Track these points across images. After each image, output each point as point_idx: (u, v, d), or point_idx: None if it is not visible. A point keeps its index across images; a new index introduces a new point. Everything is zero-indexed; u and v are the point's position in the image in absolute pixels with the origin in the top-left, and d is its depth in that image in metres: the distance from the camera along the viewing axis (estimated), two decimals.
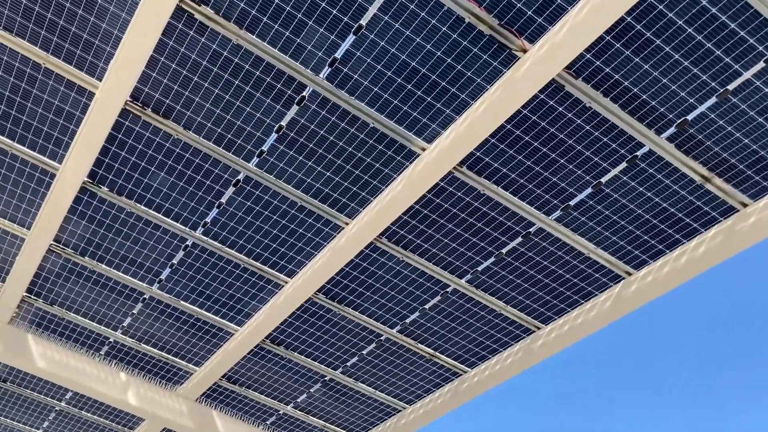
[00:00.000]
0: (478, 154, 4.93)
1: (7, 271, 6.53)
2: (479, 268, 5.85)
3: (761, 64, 4.12)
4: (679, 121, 4.50)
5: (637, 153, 4.74)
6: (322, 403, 7.72)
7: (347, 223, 5.66)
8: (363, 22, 4.33)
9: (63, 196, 5.61)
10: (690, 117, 4.47)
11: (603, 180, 4.96)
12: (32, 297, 6.78)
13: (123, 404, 7.45)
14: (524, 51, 4.31)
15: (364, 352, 6.90)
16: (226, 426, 7.85)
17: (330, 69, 4.62)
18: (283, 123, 4.98)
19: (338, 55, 4.53)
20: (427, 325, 6.48)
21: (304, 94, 4.77)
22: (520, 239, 5.53)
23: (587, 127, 4.66)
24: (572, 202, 5.17)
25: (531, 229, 5.43)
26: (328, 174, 5.30)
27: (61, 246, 6.19)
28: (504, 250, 5.65)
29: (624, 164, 4.82)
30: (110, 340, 7.19)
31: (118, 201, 5.70)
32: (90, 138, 5.15)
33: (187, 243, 6.00)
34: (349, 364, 7.09)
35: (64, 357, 7.18)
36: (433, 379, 7.09)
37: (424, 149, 5.02)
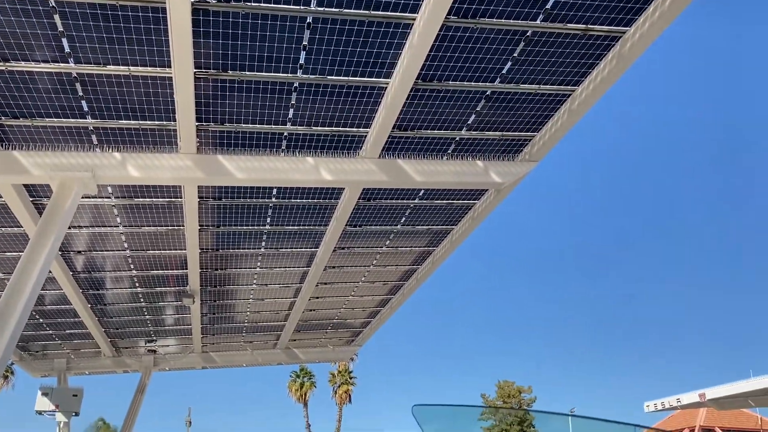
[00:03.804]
0: None
1: (173, 110, 7.07)
2: None
3: None
4: None
5: None
6: (491, 117, 7.86)
7: None
8: None
9: (182, 25, 5.73)
10: None
11: None
12: (204, 124, 7.36)
13: (321, 182, 8.22)
14: None
15: (515, 54, 6.72)
16: (413, 167, 8.39)
17: None
18: None
19: None
20: (569, 2, 6.06)
21: None
22: None
23: None
24: None
25: None
26: None
27: (203, 70, 6.49)
28: None
29: None
30: (284, 134, 7.73)
31: (230, 7, 5.72)
32: None
33: (308, 20, 5.97)
34: (504, 71, 7.00)
35: (255, 163, 7.91)
36: (592, 52, 6.80)
37: None
